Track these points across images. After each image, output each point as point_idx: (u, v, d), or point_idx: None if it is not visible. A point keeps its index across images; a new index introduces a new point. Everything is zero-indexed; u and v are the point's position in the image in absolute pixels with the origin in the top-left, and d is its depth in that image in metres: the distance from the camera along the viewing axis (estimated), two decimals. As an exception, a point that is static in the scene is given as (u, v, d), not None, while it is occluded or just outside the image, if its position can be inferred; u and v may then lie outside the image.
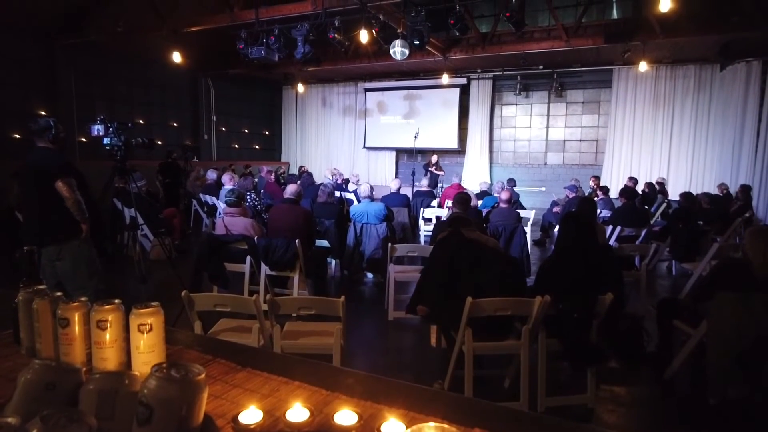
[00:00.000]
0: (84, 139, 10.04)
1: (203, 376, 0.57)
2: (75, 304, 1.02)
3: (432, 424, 0.61)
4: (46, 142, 3.37)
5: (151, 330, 0.97)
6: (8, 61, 9.22)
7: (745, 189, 7.89)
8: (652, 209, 8.21)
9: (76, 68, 10.27)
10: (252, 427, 0.78)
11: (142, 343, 0.97)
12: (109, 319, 0.99)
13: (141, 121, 11.89)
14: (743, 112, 10.25)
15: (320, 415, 0.85)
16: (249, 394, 0.95)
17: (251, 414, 0.80)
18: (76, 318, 1.02)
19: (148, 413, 0.53)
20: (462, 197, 4.75)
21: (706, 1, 8.66)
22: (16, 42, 9.28)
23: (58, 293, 1.08)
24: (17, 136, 9.26)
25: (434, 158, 12.23)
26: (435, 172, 11.61)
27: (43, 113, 9.46)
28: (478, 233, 3.35)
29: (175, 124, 13.06)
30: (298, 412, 0.81)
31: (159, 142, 12.30)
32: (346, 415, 0.80)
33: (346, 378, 1.03)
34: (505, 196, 5.89)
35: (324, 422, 0.83)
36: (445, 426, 0.61)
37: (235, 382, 1.00)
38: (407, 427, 0.68)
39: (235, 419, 0.79)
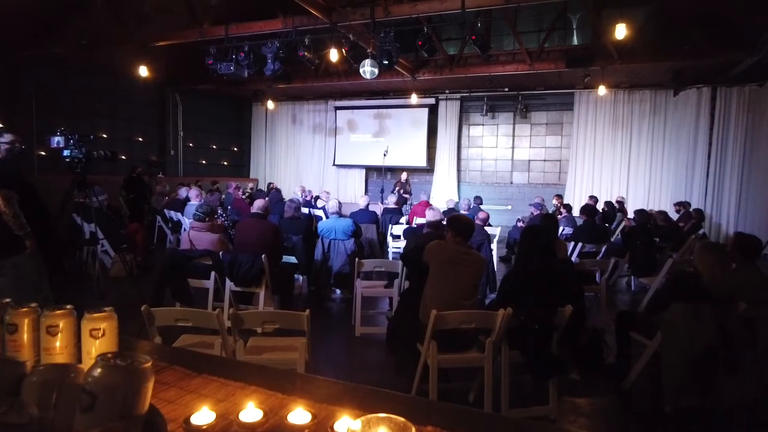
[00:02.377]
0: (44, 153, 9.72)
1: (149, 364, 0.57)
2: (24, 309, 1.00)
3: (382, 414, 0.63)
4: None
5: (104, 335, 0.96)
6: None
7: (686, 204, 8.52)
8: (612, 226, 8.50)
9: (38, 81, 10.00)
10: (204, 428, 0.78)
11: (94, 349, 0.96)
12: (60, 324, 0.98)
13: (105, 135, 11.61)
14: (695, 134, 10.82)
15: (275, 417, 0.86)
16: (203, 398, 0.94)
17: (203, 415, 0.80)
18: (26, 324, 0.99)
19: (91, 400, 0.53)
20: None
21: (659, 30, 9.17)
22: (-28, 53, 9.00)
23: (7, 299, 1.05)
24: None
25: (404, 176, 12.37)
26: (403, 195, 11.72)
27: (0, 126, 9.14)
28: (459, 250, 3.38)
29: (140, 139, 12.81)
30: (251, 413, 0.81)
31: (123, 157, 12.04)
32: (299, 415, 0.81)
33: (303, 382, 1.03)
34: (482, 216, 6.09)
35: (278, 422, 0.83)
36: (394, 416, 0.63)
37: (190, 388, 0.99)
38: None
39: (186, 420, 0.78)
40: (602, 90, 10.56)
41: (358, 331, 4.56)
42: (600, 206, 9.49)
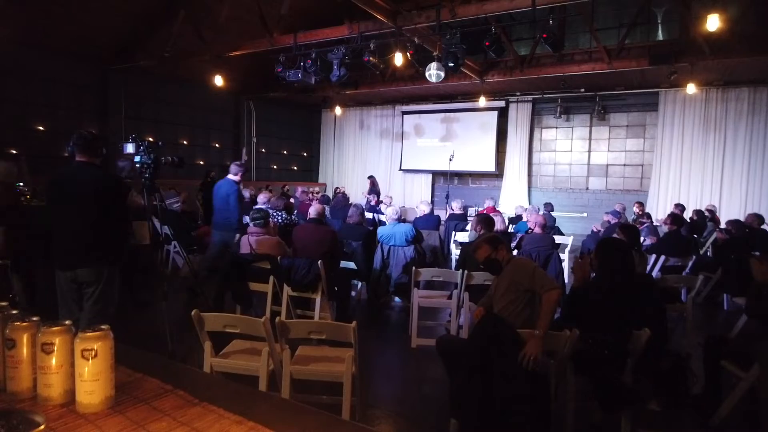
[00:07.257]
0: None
1: (39, 429, 0.47)
2: (25, 323, 0.96)
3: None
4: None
5: (96, 356, 0.89)
6: (63, 85, 9.80)
7: None
8: (702, 238, 7.70)
9: (126, 92, 10.79)
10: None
11: (86, 371, 0.89)
12: (56, 342, 0.92)
13: (185, 142, 12.34)
14: (803, 136, 9.61)
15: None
16: (193, 434, 0.84)
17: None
18: (25, 339, 0.95)
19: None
20: (485, 218, 4.59)
21: (760, 19, 8.23)
22: (71, 67, 9.87)
23: (14, 311, 1.02)
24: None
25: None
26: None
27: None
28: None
29: (217, 145, 13.47)
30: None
31: (201, 162, 12.73)
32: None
33: (308, 420, 0.91)
34: (535, 220, 5.65)
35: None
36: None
37: (184, 419, 0.90)
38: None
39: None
40: (691, 88, 9.66)
41: (413, 342, 4.41)
42: (688, 215, 8.66)
